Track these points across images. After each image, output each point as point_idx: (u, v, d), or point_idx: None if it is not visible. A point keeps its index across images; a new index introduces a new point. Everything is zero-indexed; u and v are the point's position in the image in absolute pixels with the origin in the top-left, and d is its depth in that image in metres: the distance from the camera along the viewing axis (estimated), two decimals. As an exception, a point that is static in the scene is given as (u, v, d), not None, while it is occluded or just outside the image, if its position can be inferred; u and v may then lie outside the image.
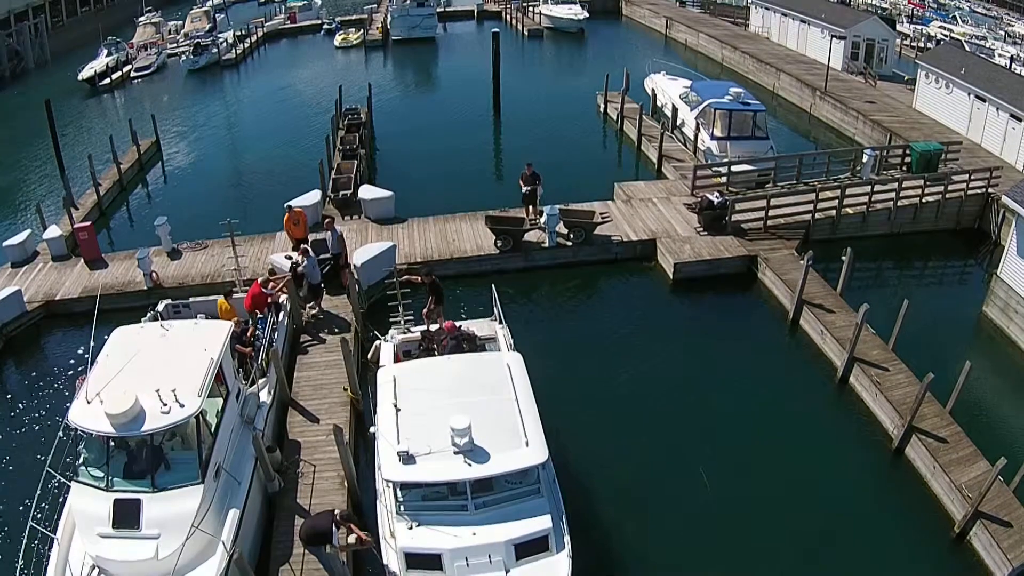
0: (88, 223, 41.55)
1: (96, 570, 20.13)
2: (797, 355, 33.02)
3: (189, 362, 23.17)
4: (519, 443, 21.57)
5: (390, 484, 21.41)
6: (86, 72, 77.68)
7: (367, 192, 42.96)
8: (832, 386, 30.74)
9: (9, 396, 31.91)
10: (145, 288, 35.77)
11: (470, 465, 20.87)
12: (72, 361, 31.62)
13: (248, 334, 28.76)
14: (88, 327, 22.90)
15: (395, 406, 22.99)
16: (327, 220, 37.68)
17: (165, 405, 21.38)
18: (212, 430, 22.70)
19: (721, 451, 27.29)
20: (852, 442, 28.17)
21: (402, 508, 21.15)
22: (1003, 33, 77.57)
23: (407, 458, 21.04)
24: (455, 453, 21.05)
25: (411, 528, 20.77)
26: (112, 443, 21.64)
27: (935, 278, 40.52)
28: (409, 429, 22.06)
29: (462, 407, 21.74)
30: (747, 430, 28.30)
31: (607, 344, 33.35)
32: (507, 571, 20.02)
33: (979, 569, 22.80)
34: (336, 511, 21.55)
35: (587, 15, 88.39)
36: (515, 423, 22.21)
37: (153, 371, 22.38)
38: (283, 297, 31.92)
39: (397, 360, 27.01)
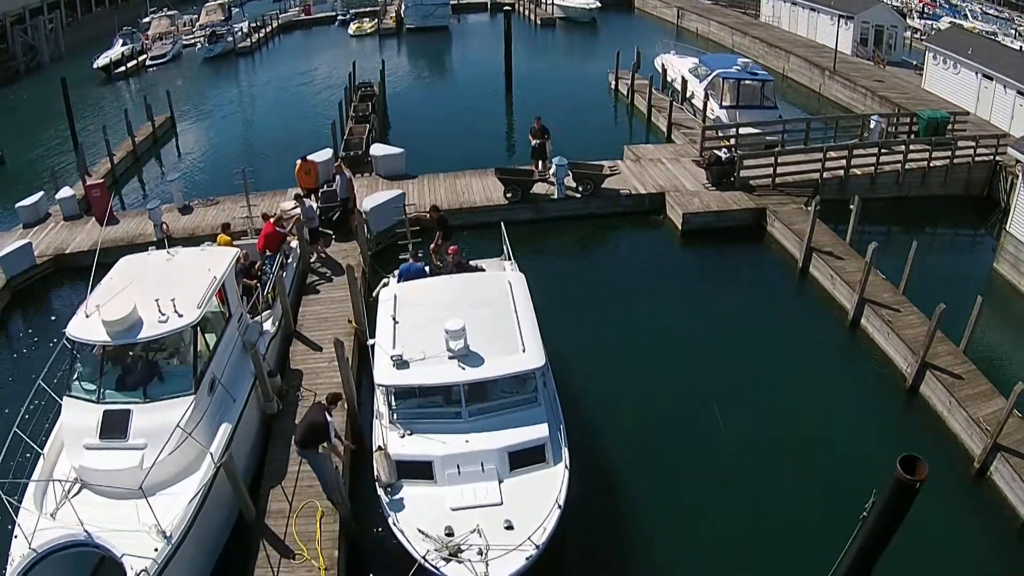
0: (101, 180, 41.11)
1: (78, 483, 19.35)
2: (808, 301, 32.14)
3: (192, 280, 22.54)
4: (515, 349, 20.71)
5: (383, 390, 20.51)
6: (101, 61, 77.07)
7: (378, 149, 42.42)
8: (844, 329, 29.78)
9: (13, 347, 31.44)
10: (156, 240, 34.65)
11: (464, 369, 19.96)
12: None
13: (256, 267, 28.15)
14: (97, 280, 22.06)
15: (393, 318, 22.25)
16: (336, 164, 37.07)
17: (163, 314, 20.70)
18: (210, 347, 21.94)
19: (732, 390, 26.26)
20: (866, 382, 27.15)
21: (395, 417, 20.25)
22: (1014, 31, 76.74)
23: (400, 363, 20.18)
24: (449, 358, 20.18)
25: (403, 437, 19.87)
26: (106, 355, 20.97)
27: (945, 238, 39.48)
28: (405, 338, 21.27)
29: (459, 316, 20.84)
30: (759, 371, 27.31)
31: (616, 291, 32.53)
32: (500, 480, 19.01)
33: (1002, 504, 21.73)
34: (323, 400, 21.09)
35: (599, 5, 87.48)
36: (513, 331, 21.38)
37: (155, 288, 21.69)
38: (294, 242, 31.47)
39: None
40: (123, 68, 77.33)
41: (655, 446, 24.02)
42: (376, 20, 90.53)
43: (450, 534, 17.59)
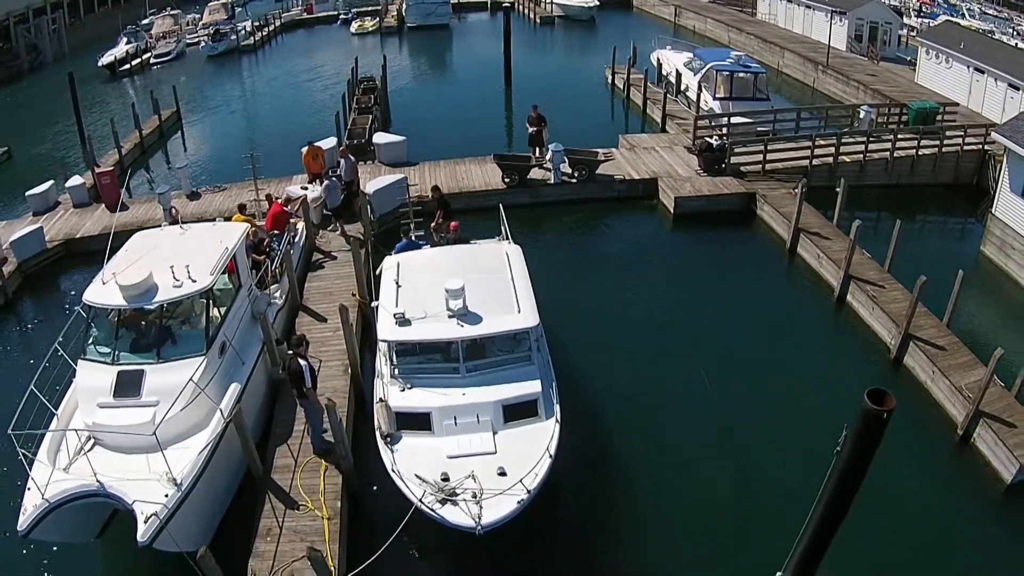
0: (111, 168, 41.65)
1: (91, 440, 19.85)
2: (795, 279, 32.88)
3: (205, 250, 23.23)
4: (511, 310, 21.56)
5: (386, 345, 21.30)
6: (106, 59, 77.24)
7: (381, 137, 43.25)
8: (830, 304, 30.49)
9: (24, 327, 32.14)
10: (165, 223, 35.36)
11: (462, 327, 20.74)
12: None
13: (264, 244, 28.77)
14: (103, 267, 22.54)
15: (396, 282, 23.02)
16: (341, 148, 37.78)
17: (178, 280, 21.42)
18: (221, 314, 22.62)
19: (720, 359, 27.02)
20: (852, 355, 27.80)
21: (396, 372, 21.04)
22: (1011, 30, 77.00)
23: (403, 320, 20.99)
24: (449, 317, 20.96)
25: (403, 390, 20.64)
26: (122, 320, 21.63)
27: (933, 224, 39.99)
28: (408, 299, 22.03)
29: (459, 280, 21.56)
30: (747, 343, 28.05)
31: (610, 269, 33.38)
32: (495, 432, 19.83)
33: (985, 469, 22.35)
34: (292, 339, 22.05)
35: (598, 3, 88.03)
36: (509, 294, 22.24)
37: (169, 257, 22.33)
38: (300, 224, 32.25)
39: None
40: (127, 66, 77.52)
41: (644, 407, 24.84)
42: (378, 19, 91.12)
43: (446, 479, 18.38)
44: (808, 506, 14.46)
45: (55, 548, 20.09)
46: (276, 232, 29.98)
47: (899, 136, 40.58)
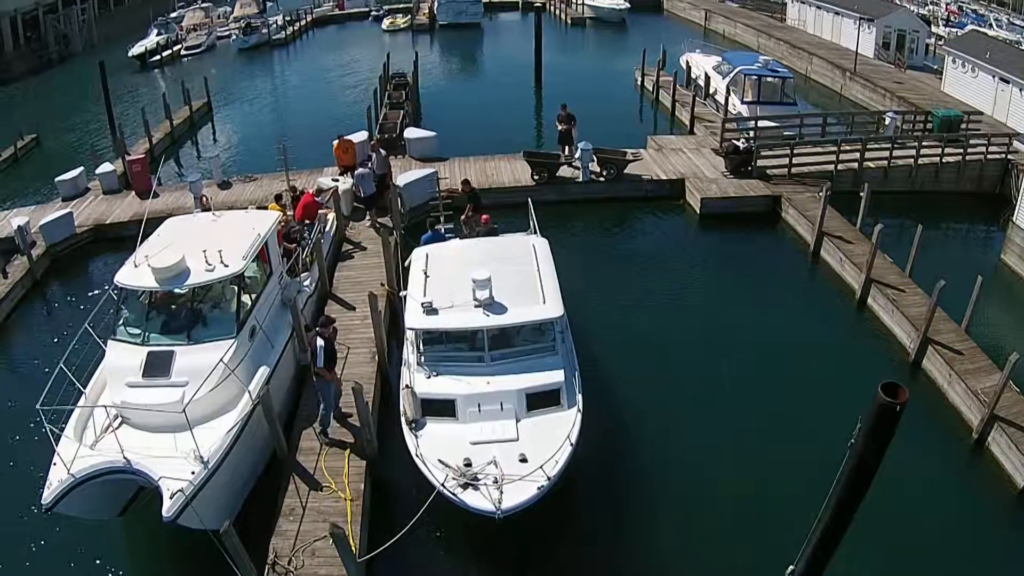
0: (142, 156, 41.99)
1: (118, 418, 20.00)
2: (818, 281, 32.95)
3: (237, 236, 23.40)
4: (537, 301, 21.75)
5: (413, 333, 21.56)
6: (136, 49, 77.95)
7: (412, 132, 43.44)
8: (851, 307, 30.50)
9: (51, 310, 32.64)
10: (196, 211, 35.61)
11: (488, 316, 20.96)
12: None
13: (295, 233, 29.07)
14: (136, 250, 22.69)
15: (424, 272, 23.28)
16: (372, 143, 38.04)
17: (210, 264, 21.59)
18: (252, 299, 22.77)
19: (741, 356, 27.13)
20: (871, 356, 27.77)
21: (423, 359, 21.25)
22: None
23: (430, 309, 21.25)
24: (475, 307, 21.18)
25: (429, 377, 20.85)
26: (153, 302, 21.83)
27: (955, 231, 39.71)
28: (435, 288, 22.31)
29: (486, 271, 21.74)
30: (768, 341, 28.11)
31: (636, 266, 33.61)
32: (518, 420, 20.01)
33: (998, 473, 22.28)
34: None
35: (628, 5, 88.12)
36: (535, 285, 22.43)
37: (202, 242, 22.45)
38: (331, 215, 32.60)
39: None
40: (158, 57, 78.36)
41: (664, 400, 24.98)
42: (409, 16, 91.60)
43: (468, 465, 18.60)
44: (822, 502, 14.49)
45: (77, 524, 20.24)
46: (307, 222, 30.27)
47: (923, 143, 40.45)
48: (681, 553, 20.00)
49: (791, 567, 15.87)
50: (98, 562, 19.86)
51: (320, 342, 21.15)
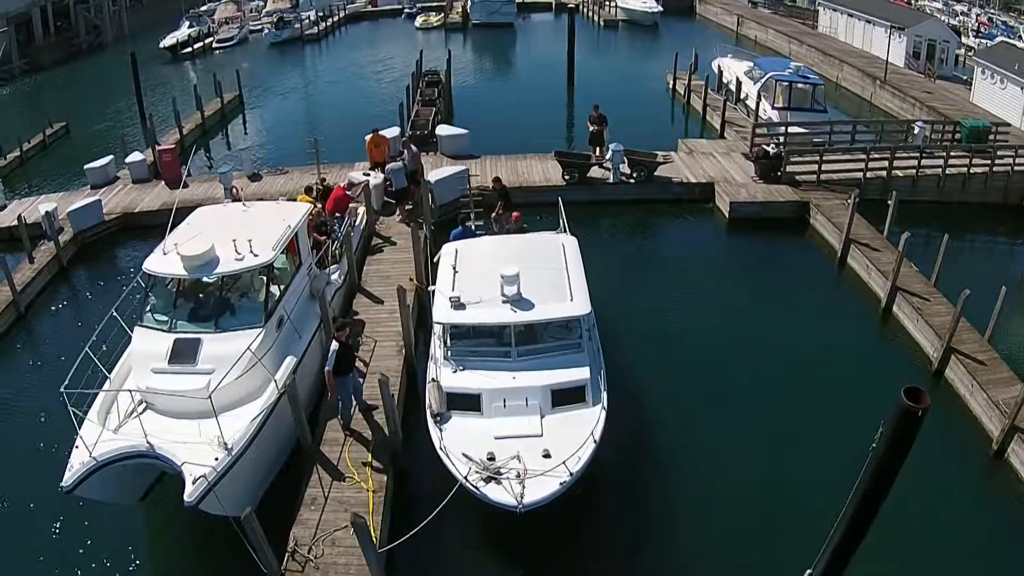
0: (172, 146, 42.22)
1: (142, 404, 20.09)
2: (844, 287, 32.76)
3: (268, 226, 23.43)
4: (564, 298, 21.74)
5: (441, 327, 21.65)
6: (167, 41, 78.70)
7: (444, 130, 43.46)
8: (876, 315, 30.31)
9: (77, 295, 32.90)
10: (226, 202, 35.77)
11: (516, 312, 20.97)
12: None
13: (326, 225, 29.16)
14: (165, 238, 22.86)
15: (453, 268, 23.28)
16: (404, 139, 38.15)
17: (239, 254, 21.67)
18: (281, 289, 22.85)
19: (767, 360, 27.12)
20: (894, 364, 27.60)
21: (449, 354, 21.29)
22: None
23: (458, 304, 21.26)
24: (503, 302, 21.18)
25: (455, 372, 20.90)
26: (181, 290, 22.02)
27: (981, 242, 39.43)
28: (463, 284, 22.30)
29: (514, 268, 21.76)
30: (793, 345, 28.02)
31: (664, 267, 33.77)
32: (543, 416, 20.00)
33: (1017, 484, 22.08)
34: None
35: (661, 9, 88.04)
36: (563, 282, 22.40)
37: (232, 231, 22.54)
38: (361, 209, 32.78)
39: None
40: (189, 49, 79.04)
41: (689, 400, 24.99)
42: (443, 14, 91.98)
43: (492, 459, 18.63)
44: (841, 506, 14.47)
45: (98, 508, 20.44)
46: (338, 215, 30.38)
47: (951, 154, 40.19)
48: (699, 553, 19.96)
49: (809, 571, 15.87)
50: (118, 546, 20.04)
51: (335, 345, 21.27)
